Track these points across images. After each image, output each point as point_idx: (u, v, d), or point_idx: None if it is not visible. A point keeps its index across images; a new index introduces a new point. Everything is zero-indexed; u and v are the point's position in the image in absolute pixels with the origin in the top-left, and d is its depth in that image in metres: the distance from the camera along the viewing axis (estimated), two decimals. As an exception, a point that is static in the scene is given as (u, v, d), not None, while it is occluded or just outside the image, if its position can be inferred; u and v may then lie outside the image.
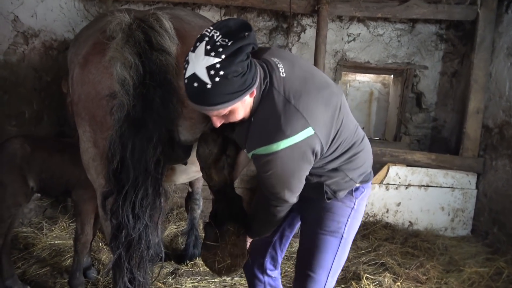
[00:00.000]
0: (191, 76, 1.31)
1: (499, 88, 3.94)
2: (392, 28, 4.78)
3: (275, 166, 1.44)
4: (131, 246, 1.67)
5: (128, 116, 1.60)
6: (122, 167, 1.62)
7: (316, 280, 1.71)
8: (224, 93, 1.31)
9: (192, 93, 1.33)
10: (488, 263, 3.37)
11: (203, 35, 1.34)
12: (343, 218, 1.70)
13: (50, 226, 3.68)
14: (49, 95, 3.99)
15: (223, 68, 1.28)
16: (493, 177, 3.92)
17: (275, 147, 1.40)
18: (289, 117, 1.39)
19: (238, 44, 1.31)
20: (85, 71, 1.73)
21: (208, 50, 1.30)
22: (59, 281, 2.88)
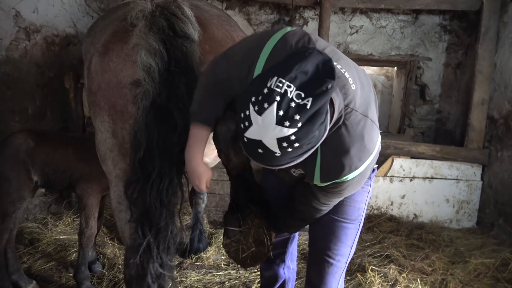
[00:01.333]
0: (256, 142, 1.06)
1: (504, 78, 3.90)
2: (395, 20, 4.75)
3: (356, 184, 1.36)
4: (159, 233, 1.69)
5: (154, 104, 1.59)
6: (148, 155, 1.62)
7: (338, 268, 1.70)
8: (293, 157, 1.10)
9: (255, 155, 1.11)
10: (494, 254, 3.35)
11: (272, 91, 1.02)
12: (362, 204, 1.67)
13: (55, 222, 3.69)
14: (52, 91, 3.99)
15: (298, 140, 1.03)
16: (499, 169, 3.89)
17: (360, 169, 1.28)
18: (370, 132, 1.27)
19: (319, 103, 1.02)
20: (106, 59, 1.70)
21: (281, 117, 1.01)
22: (64, 276, 2.89)
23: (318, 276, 1.72)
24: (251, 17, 4.80)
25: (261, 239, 1.69)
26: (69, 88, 3.96)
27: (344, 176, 1.28)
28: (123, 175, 1.79)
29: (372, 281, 2.79)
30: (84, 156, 2.58)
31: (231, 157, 1.67)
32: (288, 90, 1.02)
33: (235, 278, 2.89)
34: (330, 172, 1.29)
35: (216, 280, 2.87)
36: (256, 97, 1.05)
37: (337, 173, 1.28)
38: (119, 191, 1.83)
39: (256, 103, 1.04)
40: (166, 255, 1.76)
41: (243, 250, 1.69)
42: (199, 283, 2.82)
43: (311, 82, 1.03)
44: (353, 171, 1.27)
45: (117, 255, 3.14)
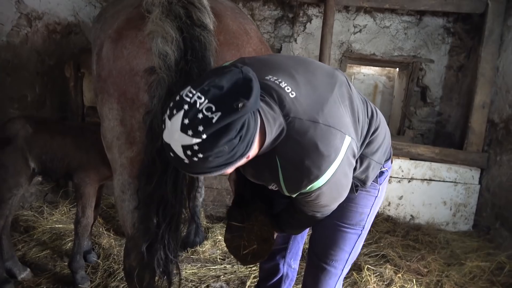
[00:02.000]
0: (167, 145, 1.09)
1: (506, 82, 3.90)
2: (399, 20, 4.74)
3: (328, 193, 1.31)
4: (172, 221, 1.67)
5: (170, 93, 1.55)
6: None
7: (333, 274, 1.65)
8: (205, 168, 1.09)
9: (169, 158, 1.12)
10: (489, 257, 3.36)
11: (182, 100, 1.06)
12: (366, 209, 1.59)
13: (51, 211, 3.67)
14: (52, 79, 3.96)
15: (202, 151, 1.03)
16: (497, 172, 3.89)
17: (324, 178, 1.22)
18: (326, 138, 1.20)
19: (227, 120, 1.02)
20: (119, 46, 1.66)
21: (186, 125, 1.03)
22: (59, 264, 2.87)
23: (312, 280, 1.70)
24: (255, 13, 4.78)
25: (264, 237, 1.65)
26: (69, 77, 3.94)
27: (307, 186, 1.24)
28: (129, 164, 1.77)
29: (367, 280, 2.79)
30: (82, 145, 2.56)
31: None
32: (198, 101, 1.04)
33: (230, 273, 2.88)
34: (292, 184, 1.26)
35: (212, 274, 2.86)
36: (170, 103, 1.09)
37: (298, 184, 1.24)
38: (123, 179, 1.81)
39: (168, 109, 1.09)
40: (176, 243, 1.74)
41: (244, 247, 1.65)
42: (194, 276, 2.81)
43: (224, 98, 1.04)
44: (315, 180, 1.22)
45: (113, 245, 3.12)
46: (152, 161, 1.61)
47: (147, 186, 1.66)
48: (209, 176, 1.17)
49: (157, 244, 1.69)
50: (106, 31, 1.79)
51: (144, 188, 1.68)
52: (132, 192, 1.78)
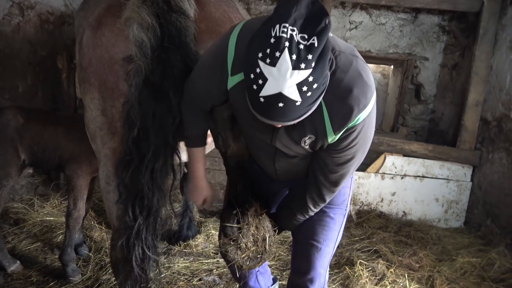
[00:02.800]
0: (275, 96, 1.04)
1: (499, 81, 3.92)
2: (394, 18, 4.74)
3: (366, 130, 1.30)
4: (150, 215, 1.65)
5: (147, 82, 1.54)
6: (143, 135, 1.57)
7: (327, 252, 1.69)
8: (310, 103, 1.10)
9: (274, 113, 1.09)
10: (480, 253, 3.39)
11: (280, 38, 1.01)
12: (346, 189, 1.67)
13: (42, 203, 3.63)
14: (44, 70, 3.90)
15: (316, 80, 1.04)
16: (489, 170, 3.93)
17: (369, 107, 1.25)
18: (366, 70, 1.24)
19: (324, 40, 1.03)
20: (98, 34, 1.64)
21: (296, 61, 1.00)
22: (49, 257, 2.84)
23: (306, 262, 1.70)
24: (251, 7, 4.75)
25: (262, 236, 1.61)
26: (62, 68, 3.88)
27: (356, 117, 1.24)
28: (112, 154, 1.74)
29: (360, 275, 2.80)
30: (74, 136, 2.52)
31: (230, 142, 1.62)
32: (293, 34, 1.01)
33: (223, 267, 2.87)
34: (341, 117, 1.24)
35: (204, 268, 2.85)
36: (264, 51, 1.03)
37: (348, 116, 1.23)
38: (107, 170, 1.79)
39: (266, 57, 1.03)
40: (154, 238, 1.72)
41: (242, 250, 1.59)
42: (186, 269, 2.80)
43: (310, 22, 1.03)
44: (363, 109, 1.23)
45: (104, 239, 3.10)
46: (129, 151, 1.59)
47: (123, 176, 1.64)
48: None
49: (135, 239, 1.66)
50: (87, 19, 1.76)
51: (122, 179, 1.66)
52: (117, 183, 1.74)
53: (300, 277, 1.73)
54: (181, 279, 2.68)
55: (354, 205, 4.18)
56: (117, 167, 1.69)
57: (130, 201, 1.65)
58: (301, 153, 1.44)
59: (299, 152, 1.43)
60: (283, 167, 1.58)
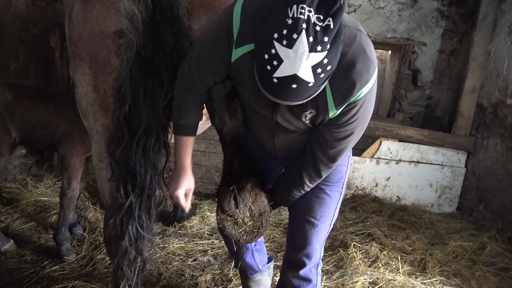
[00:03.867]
0: (289, 78, 1.04)
1: (497, 67, 3.91)
2: (393, 2, 4.68)
3: (366, 105, 1.30)
4: (143, 192, 1.63)
5: (138, 56, 1.50)
6: (134, 111, 1.54)
7: (324, 229, 1.70)
8: (321, 83, 1.10)
9: (286, 93, 1.09)
10: (472, 238, 3.44)
11: (298, 19, 0.99)
12: (343, 167, 1.67)
13: (35, 183, 3.60)
14: (36, 48, 3.82)
15: (330, 61, 1.04)
16: (483, 156, 3.95)
17: (371, 82, 1.24)
18: (369, 45, 1.23)
19: (338, 21, 1.01)
20: (88, 7, 1.59)
21: (312, 43, 0.99)
22: (43, 236, 2.83)
23: (302, 238, 1.71)
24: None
25: (259, 211, 1.63)
26: (55, 47, 3.80)
27: (359, 91, 1.23)
28: (104, 131, 1.72)
29: (353, 257, 2.83)
30: (66, 114, 2.48)
31: (226, 120, 1.61)
32: (310, 15, 0.99)
33: (218, 248, 2.88)
34: (342, 92, 1.24)
35: (199, 249, 2.86)
36: (280, 32, 1.01)
37: (350, 91, 1.23)
38: (100, 147, 1.76)
39: (282, 38, 1.01)
40: (148, 217, 1.71)
41: (239, 225, 1.61)
42: (181, 250, 2.81)
43: (324, 2, 1.00)
44: (364, 84, 1.23)
45: (99, 219, 3.09)
46: (120, 128, 1.57)
47: (115, 153, 1.62)
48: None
49: (128, 218, 1.64)
50: None
51: (113, 156, 1.63)
52: (110, 161, 1.72)
53: (297, 252, 1.75)
54: (176, 259, 2.69)
55: (349, 190, 4.19)
56: (109, 144, 1.66)
57: (122, 179, 1.63)
58: (301, 127, 1.43)
59: (299, 126, 1.42)
60: (281, 142, 1.57)
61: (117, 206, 1.68)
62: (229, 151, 1.68)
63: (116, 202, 1.68)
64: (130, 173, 1.63)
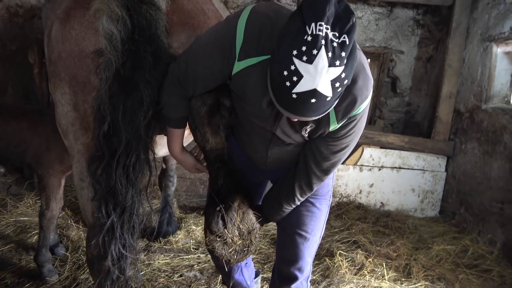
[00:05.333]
0: (309, 92, 1.08)
1: (471, 73, 4.04)
2: (370, 12, 4.79)
3: (362, 120, 1.37)
4: (124, 212, 1.63)
5: (118, 75, 1.51)
6: (113, 130, 1.54)
7: (314, 241, 1.75)
8: (337, 97, 1.15)
9: (304, 109, 1.12)
10: (454, 241, 3.50)
11: (317, 36, 1.03)
12: (329, 180, 1.72)
13: (15, 203, 3.51)
14: (14, 65, 3.77)
15: (347, 76, 1.10)
16: (462, 160, 4.05)
17: (369, 98, 1.32)
18: (366, 61, 1.31)
19: (352, 37, 1.07)
20: (67, 27, 1.60)
21: (331, 58, 1.04)
22: (24, 258, 2.76)
23: (294, 252, 1.74)
24: (228, 0, 4.70)
25: (248, 229, 1.62)
26: (34, 63, 3.75)
27: (359, 106, 1.30)
28: (85, 150, 1.70)
29: (340, 265, 2.85)
30: (42, 131, 2.43)
31: (208, 137, 1.61)
32: (328, 32, 1.04)
33: (204, 262, 2.86)
34: (345, 107, 1.29)
35: (185, 264, 2.83)
36: (299, 48, 1.05)
37: (351, 106, 1.29)
38: (81, 167, 1.74)
39: (302, 54, 1.05)
40: (130, 236, 1.70)
41: (229, 245, 1.60)
42: (167, 266, 2.77)
43: (339, 20, 1.05)
44: (364, 100, 1.30)
45: (82, 237, 3.03)
46: (100, 146, 1.57)
47: (96, 173, 1.61)
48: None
49: (110, 237, 1.63)
50: (55, 11, 1.71)
51: (94, 175, 1.62)
52: (91, 180, 1.70)
53: (289, 266, 1.77)
54: (162, 275, 2.65)
55: (333, 197, 4.23)
56: (89, 163, 1.65)
57: (103, 198, 1.62)
58: (298, 140, 1.48)
59: (296, 139, 1.47)
60: (275, 154, 1.59)
61: (99, 225, 1.66)
62: (213, 168, 1.67)
63: (98, 221, 1.66)
64: (110, 192, 1.61)
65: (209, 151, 1.64)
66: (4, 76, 3.67)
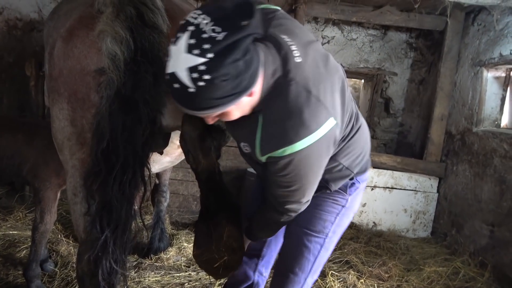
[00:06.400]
0: (171, 75, 1.09)
1: (462, 96, 4.12)
2: (365, 34, 4.90)
3: (297, 168, 1.27)
4: (118, 228, 1.64)
5: (119, 94, 1.55)
6: (112, 146, 1.57)
7: (295, 282, 1.65)
8: (210, 98, 1.10)
9: (174, 94, 1.13)
10: (446, 263, 3.51)
11: (187, 22, 1.07)
12: (330, 217, 1.61)
13: (5, 216, 3.47)
14: (10, 77, 3.78)
15: (208, 71, 1.04)
16: (454, 181, 4.09)
17: (298, 146, 1.21)
18: (313, 109, 1.20)
19: (234, 37, 1.03)
20: (70, 45, 1.64)
21: (191, 45, 1.03)
22: (12, 273, 2.71)
23: (276, 285, 1.72)
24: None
25: (233, 247, 1.63)
26: (30, 75, 3.76)
27: (280, 148, 1.23)
28: (80, 165, 1.73)
29: (331, 286, 2.84)
30: (37, 144, 2.42)
31: (200, 159, 1.65)
32: (202, 22, 1.05)
33: (195, 280, 2.83)
34: (268, 142, 1.26)
35: (176, 282, 2.80)
36: (176, 33, 1.10)
37: (273, 144, 1.24)
38: (75, 181, 1.76)
39: (175, 37, 1.10)
40: (122, 252, 1.71)
41: (215, 260, 1.61)
42: (157, 284, 2.74)
43: (228, 18, 1.06)
44: (288, 144, 1.21)
45: (72, 253, 2.99)
46: (98, 163, 1.59)
47: (91, 188, 1.63)
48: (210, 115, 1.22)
49: (102, 253, 1.64)
50: (58, 29, 1.76)
51: (90, 190, 1.64)
52: (84, 195, 1.73)
53: None
54: (152, 293, 2.62)
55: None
56: (86, 179, 1.67)
57: (98, 214, 1.63)
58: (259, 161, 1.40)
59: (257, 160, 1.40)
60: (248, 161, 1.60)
61: (91, 241, 1.66)
62: (205, 187, 1.71)
63: (90, 237, 1.66)
64: (106, 208, 1.63)
65: (201, 172, 1.67)
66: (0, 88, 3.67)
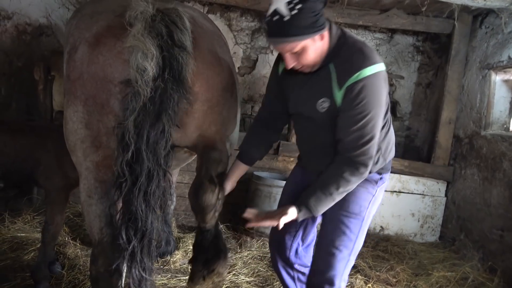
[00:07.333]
0: (272, 12, 1.50)
1: (470, 100, 4.09)
2: (371, 37, 4.89)
3: (368, 93, 1.58)
4: (144, 236, 1.69)
5: (144, 107, 1.62)
6: (136, 158, 1.64)
7: (341, 258, 1.84)
8: (298, 26, 1.49)
9: (271, 27, 1.53)
10: (454, 268, 3.46)
11: None
12: (365, 203, 1.85)
13: (13, 219, 3.48)
14: (19, 81, 3.82)
15: (301, 1, 1.47)
16: (462, 185, 4.05)
17: (368, 71, 1.57)
18: (371, 50, 1.64)
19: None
20: (95, 52, 1.69)
21: None
22: (20, 275, 2.72)
23: (324, 263, 1.87)
24: (232, 23, 4.81)
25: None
26: (39, 79, 3.81)
27: (353, 73, 1.59)
28: (95, 167, 1.77)
29: (339, 290, 2.80)
30: (48, 147, 2.45)
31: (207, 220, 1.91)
32: None
33: (201, 283, 2.82)
34: (343, 75, 1.62)
35: (182, 285, 2.79)
36: None
37: (347, 73, 1.60)
38: (89, 183, 1.80)
39: None
40: (149, 259, 1.76)
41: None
42: (164, 287, 2.74)
43: None
44: (360, 69, 1.57)
45: (79, 255, 3.00)
46: (123, 174, 1.64)
47: (116, 199, 1.69)
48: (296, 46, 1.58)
49: (132, 262, 1.69)
50: (82, 31, 1.78)
51: (114, 201, 1.71)
52: (100, 196, 1.79)
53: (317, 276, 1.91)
54: (159, 297, 2.62)
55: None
56: (110, 190, 1.73)
57: (124, 224, 1.68)
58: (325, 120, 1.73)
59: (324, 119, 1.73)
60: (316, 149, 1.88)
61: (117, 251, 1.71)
62: (201, 236, 1.97)
63: (116, 247, 1.71)
64: (131, 218, 1.69)
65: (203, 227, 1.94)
66: (8, 92, 3.72)
